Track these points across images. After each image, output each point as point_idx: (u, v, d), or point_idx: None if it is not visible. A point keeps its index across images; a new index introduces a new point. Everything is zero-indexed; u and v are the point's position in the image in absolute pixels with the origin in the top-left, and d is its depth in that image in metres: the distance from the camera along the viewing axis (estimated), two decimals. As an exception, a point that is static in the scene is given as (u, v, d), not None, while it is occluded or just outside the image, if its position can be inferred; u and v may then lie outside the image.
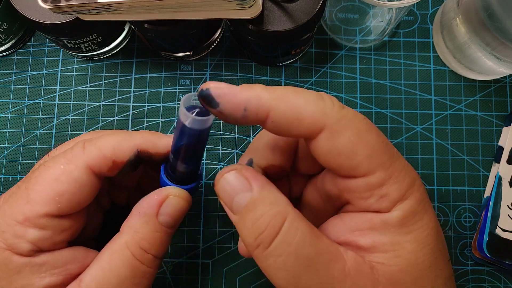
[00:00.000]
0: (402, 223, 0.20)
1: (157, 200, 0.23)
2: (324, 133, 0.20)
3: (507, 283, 0.35)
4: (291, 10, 0.30)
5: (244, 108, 0.19)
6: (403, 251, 0.20)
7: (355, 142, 0.20)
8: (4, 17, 0.34)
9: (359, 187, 0.21)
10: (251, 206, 0.20)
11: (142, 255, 0.23)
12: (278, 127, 0.20)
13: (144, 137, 0.24)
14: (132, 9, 0.28)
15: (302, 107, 0.20)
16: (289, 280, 0.19)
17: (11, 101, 0.37)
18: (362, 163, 0.20)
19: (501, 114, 0.37)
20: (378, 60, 0.38)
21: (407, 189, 0.21)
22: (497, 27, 0.29)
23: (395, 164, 0.20)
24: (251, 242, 0.20)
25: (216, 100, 0.19)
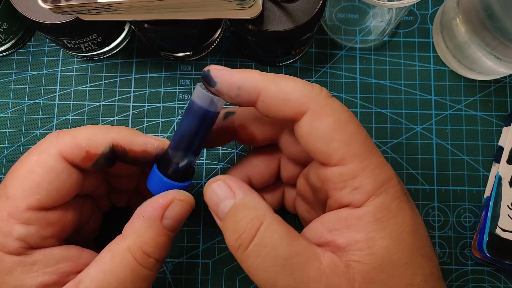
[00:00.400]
0: (376, 218, 0.21)
1: (162, 204, 0.23)
2: (307, 115, 0.22)
3: (507, 283, 0.35)
4: (291, 10, 0.30)
5: (238, 87, 0.22)
6: (377, 248, 0.21)
7: (334, 128, 0.21)
8: (4, 17, 0.34)
9: (334, 176, 0.22)
10: (233, 211, 0.22)
11: (145, 260, 0.22)
12: (267, 107, 0.22)
13: (121, 132, 0.24)
14: (132, 9, 0.28)
15: (290, 90, 0.22)
16: (268, 280, 0.21)
17: (11, 101, 0.37)
18: (337, 150, 0.21)
19: (501, 114, 0.37)
20: (378, 60, 0.38)
21: (381, 185, 0.21)
22: (497, 27, 0.29)
23: (371, 159, 0.21)
24: (233, 244, 0.22)
25: (214, 80, 0.22)
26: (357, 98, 0.37)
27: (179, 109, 0.37)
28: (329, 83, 0.37)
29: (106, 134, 0.24)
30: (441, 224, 0.35)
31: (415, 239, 0.22)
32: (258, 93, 0.22)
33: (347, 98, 0.37)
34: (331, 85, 0.37)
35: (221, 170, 0.36)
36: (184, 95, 0.37)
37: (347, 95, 0.37)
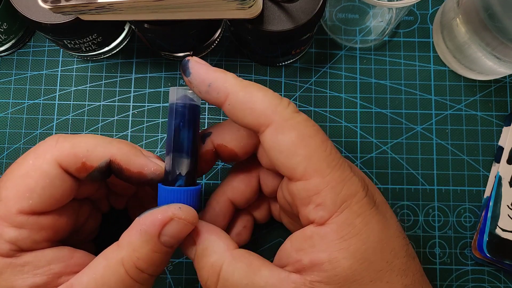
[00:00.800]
0: (339, 236, 0.21)
1: (160, 220, 0.22)
2: (270, 128, 0.22)
3: (507, 283, 0.35)
4: (291, 10, 0.30)
5: (209, 84, 0.22)
6: (340, 269, 0.21)
7: (296, 143, 0.21)
8: (4, 17, 0.34)
9: (299, 191, 0.22)
10: (196, 260, 0.23)
11: (138, 274, 0.22)
12: (232, 112, 0.22)
13: (121, 149, 0.24)
14: (132, 9, 0.28)
15: (257, 100, 0.22)
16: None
17: (11, 101, 0.37)
18: (300, 165, 0.21)
19: (501, 114, 0.37)
20: (378, 60, 0.38)
21: (344, 201, 0.21)
22: (497, 27, 0.29)
23: (333, 174, 0.21)
24: (204, 284, 0.23)
25: (190, 70, 0.22)
26: (357, 98, 0.37)
27: (179, 109, 0.37)
28: (329, 83, 0.37)
29: (106, 148, 0.23)
30: (441, 224, 0.35)
31: (383, 254, 0.21)
32: (227, 95, 0.22)
33: (347, 98, 0.37)
34: (331, 85, 0.37)
35: (221, 170, 0.36)
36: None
37: (347, 95, 0.37)
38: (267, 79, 0.37)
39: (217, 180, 0.36)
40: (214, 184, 0.36)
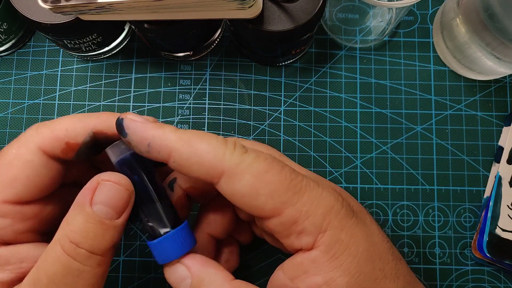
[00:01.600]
0: (330, 255, 0.21)
1: (89, 189, 0.21)
2: (223, 178, 0.21)
3: (507, 283, 0.35)
4: (291, 10, 0.30)
5: (148, 144, 0.21)
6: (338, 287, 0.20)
7: (254, 184, 0.20)
8: (4, 17, 0.34)
9: (276, 226, 0.21)
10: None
11: (74, 250, 0.20)
12: (180, 168, 0.21)
13: (100, 118, 0.23)
14: (132, 9, 0.28)
15: (203, 153, 0.21)
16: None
17: (11, 101, 0.37)
18: (266, 203, 0.21)
19: (501, 114, 0.37)
20: (378, 60, 0.38)
21: (323, 220, 0.21)
22: (497, 27, 0.29)
23: (302, 199, 0.21)
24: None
25: (125, 131, 0.21)
26: (357, 98, 0.37)
27: (179, 109, 0.37)
28: (329, 83, 0.37)
29: (85, 123, 0.23)
30: (441, 224, 0.35)
31: (374, 264, 0.21)
32: (169, 154, 0.21)
33: (347, 98, 0.37)
34: (331, 85, 0.37)
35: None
36: (184, 95, 0.37)
37: (347, 95, 0.37)
38: (267, 79, 0.37)
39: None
40: (214, 184, 0.36)
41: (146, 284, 0.34)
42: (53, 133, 0.22)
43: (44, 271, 0.21)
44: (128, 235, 0.35)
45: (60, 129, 0.22)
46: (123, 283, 0.34)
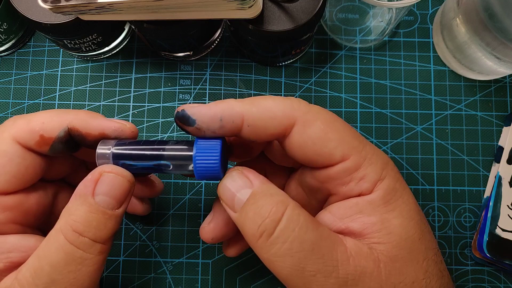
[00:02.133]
0: (386, 200, 0.21)
1: (91, 180, 0.21)
2: (296, 126, 0.21)
3: (507, 283, 0.35)
4: (291, 10, 0.30)
5: (220, 118, 0.21)
6: (393, 227, 0.21)
7: (326, 129, 0.21)
8: (4, 17, 0.34)
9: (339, 174, 0.22)
10: (252, 199, 0.21)
11: (77, 239, 0.21)
12: (254, 130, 0.21)
13: (77, 116, 0.23)
14: (132, 9, 0.28)
15: (272, 107, 0.21)
16: (295, 267, 0.20)
17: (11, 101, 0.37)
18: (336, 148, 0.21)
19: (501, 114, 0.37)
20: (378, 60, 0.38)
21: (382, 170, 0.22)
22: (497, 27, 0.29)
23: (366, 148, 0.22)
24: (254, 232, 0.20)
25: (192, 118, 0.21)
26: (357, 98, 0.37)
27: (179, 109, 0.37)
28: (329, 83, 0.37)
29: (62, 118, 0.23)
30: (441, 224, 0.35)
31: (421, 216, 0.22)
32: (242, 118, 0.21)
33: (347, 98, 0.37)
34: (331, 85, 0.37)
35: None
36: (184, 95, 0.37)
37: (347, 95, 0.37)
38: (267, 79, 0.37)
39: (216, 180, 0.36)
40: (214, 184, 0.36)
41: (146, 284, 0.34)
42: (28, 124, 0.23)
43: (47, 260, 0.21)
44: (128, 235, 0.35)
45: (36, 122, 0.23)
46: (123, 283, 0.34)
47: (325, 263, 0.20)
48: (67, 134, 0.23)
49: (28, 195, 0.23)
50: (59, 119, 0.23)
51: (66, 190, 0.27)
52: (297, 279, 0.20)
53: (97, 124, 0.23)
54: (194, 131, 0.21)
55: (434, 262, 0.22)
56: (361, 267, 0.20)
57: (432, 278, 0.21)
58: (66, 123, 0.23)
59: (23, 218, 0.23)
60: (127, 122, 0.24)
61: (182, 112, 0.21)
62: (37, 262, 0.21)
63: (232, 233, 0.26)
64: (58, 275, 0.21)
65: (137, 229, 0.35)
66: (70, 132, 0.23)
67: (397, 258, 0.21)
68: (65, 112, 0.23)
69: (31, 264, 0.21)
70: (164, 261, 0.35)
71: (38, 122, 0.23)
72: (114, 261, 0.35)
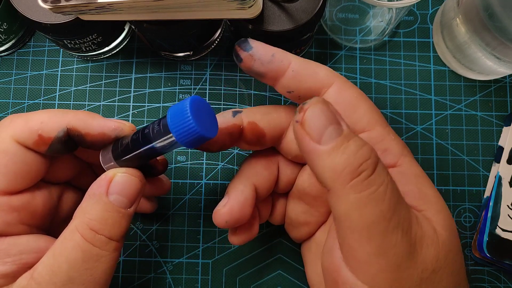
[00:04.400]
0: (414, 173, 0.23)
1: (105, 180, 0.22)
2: (333, 87, 0.23)
3: (507, 283, 0.35)
4: (291, 10, 0.30)
5: (272, 54, 0.23)
6: (430, 196, 0.22)
7: (359, 97, 0.24)
8: (4, 17, 0.34)
9: None
10: (349, 136, 0.19)
11: (93, 237, 0.22)
12: (296, 77, 0.23)
13: (77, 116, 0.23)
14: (132, 9, 0.28)
15: (318, 67, 0.24)
16: (385, 213, 0.19)
17: (11, 101, 0.37)
18: (364, 116, 0.23)
19: (501, 114, 0.37)
20: (378, 60, 0.38)
21: (403, 148, 0.23)
22: (497, 27, 0.29)
23: (389, 127, 0.24)
24: (353, 169, 0.19)
25: (251, 44, 0.23)
26: (357, 98, 0.37)
27: (179, 109, 0.37)
28: (329, 83, 0.37)
29: (61, 118, 0.23)
30: (441, 224, 0.35)
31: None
32: (289, 62, 0.23)
33: (347, 98, 0.37)
34: (331, 85, 0.37)
35: (221, 170, 0.36)
36: (184, 95, 0.37)
37: (347, 95, 0.37)
38: (267, 79, 0.37)
39: (217, 180, 0.36)
40: (214, 184, 0.36)
41: (146, 284, 0.34)
42: (27, 124, 0.23)
43: (64, 258, 0.21)
44: (128, 235, 0.35)
45: (35, 121, 0.23)
46: (123, 283, 0.34)
47: (405, 218, 0.20)
48: (66, 135, 0.23)
49: (33, 196, 0.24)
50: (58, 119, 0.23)
51: (71, 192, 0.27)
52: (377, 231, 0.19)
53: (96, 124, 0.23)
54: (247, 57, 0.23)
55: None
56: (423, 232, 0.21)
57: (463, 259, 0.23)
58: (65, 123, 0.23)
59: (31, 219, 0.23)
60: (126, 122, 0.24)
61: (244, 40, 0.24)
62: (54, 260, 0.21)
63: (245, 219, 0.25)
64: (75, 272, 0.21)
65: (137, 229, 0.35)
66: (69, 132, 0.23)
67: (451, 228, 0.22)
68: (64, 112, 0.23)
69: (48, 263, 0.21)
70: (164, 261, 0.35)
71: (37, 121, 0.23)
72: (114, 261, 0.35)
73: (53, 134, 0.23)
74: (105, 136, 0.23)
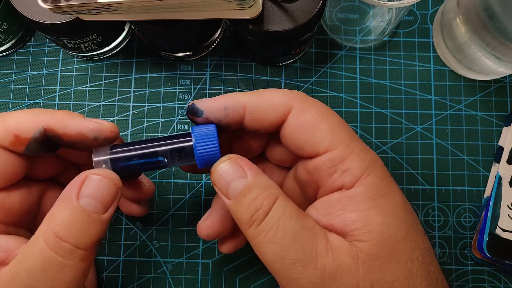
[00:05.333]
0: (368, 196, 0.22)
1: (75, 182, 0.21)
2: (292, 112, 0.23)
3: (507, 283, 0.35)
4: (291, 10, 0.30)
5: (225, 107, 0.23)
6: (373, 225, 0.21)
7: (318, 118, 0.23)
8: (4, 17, 0.34)
9: (324, 163, 0.22)
10: (247, 190, 0.22)
11: (57, 244, 0.20)
12: (255, 117, 0.23)
13: (54, 116, 0.22)
14: (132, 9, 0.28)
15: (272, 96, 0.23)
16: (278, 253, 0.21)
17: (11, 101, 0.37)
18: (324, 138, 0.22)
19: (501, 114, 0.37)
20: (378, 60, 0.38)
21: (368, 166, 0.22)
22: (497, 27, 0.29)
23: (355, 143, 0.23)
24: (247, 221, 0.22)
25: (200, 109, 0.23)
26: (357, 98, 0.37)
27: (179, 109, 0.37)
28: (329, 83, 0.37)
29: (38, 118, 0.22)
30: (441, 224, 0.35)
31: (407, 215, 0.22)
32: (244, 106, 0.23)
33: (347, 98, 0.37)
34: (331, 85, 0.37)
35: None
36: (184, 95, 0.37)
37: (347, 95, 0.37)
38: (267, 79, 0.37)
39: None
40: (214, 184, 0.36)
41: (146, 284, 0.34)
42: (3, 124, 0.22)
43: (24, 265, 0.20)
44: (128, 235, 0.35)
45: (11, 121, 0.22)
46: (123, 283, 0.34)
47: (304, 253, 0.21)
48: (43, 135, 0.22)
49: (9, 193, 0.23)
50: (35, 120, 0.22)
51: (55, 189, 0.27)
52: (279, 265, 0.21)
53: (73, 125, 0.22)
54: (202, 121, 0.23)
55: (420, 263, 0.21)
56: (339, 261, 0.21)
57: (416, 279, 0.21)
58: (42, 123, 0.22)
59: (6, 217, 0.23)
60: (106, 122, 0.23)
61: (192, 105, 0.23)
62: (15, 267, 0.20)
63: (227, 232, 0.27)
64: (35, 282, 0.20)
65: (137, 229, 0.35)
66: (46, 132, 0.22)
67: (377, 256, 0.21)
68: (42, 112, 0.23)
69: (10, 269, 0.20)
70: (164, 261, 0.35)
71: (13, 121, 0.22)
72: (114, 261, 0.35)
73: (30, 134, 0.22)
74: (83, 137, 0.22)
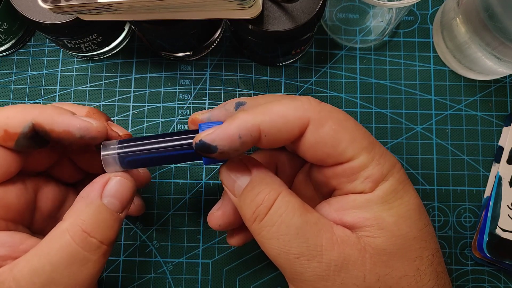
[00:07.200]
0: (384, 200, 0.22)
1: (98, 183, 0.23)
2: (310, 126, 0.22)
3: (507, 283, 0.35)
4: (291, 10, 0.30)
5: (239, 136, 0.21)
6: (385, 223, 0.21)
7: (337, 129, 0.22)
8: (4, 17, 0.34)
9: (345, 172, 0.22)
10: (250, 187, 0.22)
11: (84, 239, 0.21)
12: (272, 138, 0.22)
13: (44, 111, 0.22)
14: (132, 9, 0.28)
15: (285, 113, 0.22)
16: (281, 248, 0.21)
17: (11, 101, 0.37)
18: (347, 149, 0.22)
19: (501, 114, 0.37)
20: (378, 60, 0.38)
21: (388, 171, 0.22)
22: (497, 27, 0.29)
23: (375, 149, 0.22)
24: (250, 217, 0.22)
25: (213, 145, 0.21)
26: (357, 98, 0.37)
27: (179, 109, 0.37)
28: (329, 83, 0.37)
29: (27, 113, 0.22)
30: (441, 224, 0.35)
31: (421, 216, 0.23)
32: (259, 130, 0.21)
33: (347, 98, 0.37)
34: (331, 85, 0.37)
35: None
36: (184, 95, 0.37)
37: (347, 95, 0.37)
38: (267, 79, 0.37)
39: (217, 180, 0.36)
40: (214, 184, 0.36)
41: (146, 284, 0.34)
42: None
43: (48, 259, 0.21)
44: (128, 235, 0.35)
45: (1, 117, 0.22)
46: (123, 283, 0.34)
47: (308, 247, 0.21)
48: (31, 130, 0.23)
49: (6, 189, 0.23)
50: (24, 115, 0.22)
51: (49, 184, 0.27)
52: (283, 260, 0.21)
53: (61, 121, 0.23)
54: (219, 156, 0.21)
55: (430, 262, 0.22)
56: (345, 254, 0.21)
57: (424, 277, 0.21)
58: (30, 118, 0.22)
59: (5, 213, 0.23)
60: (94, 121, 0.23)
61: (201, 142, 0.21)
62: (37, 259, 0.21)
63: (238, 223, 0.26)
64: (58, 274, 0.21)
65: (137, 229, 0.35)
66: (35, 128, 0.23)
67: (385, 251, 0.21)
68: (32, 107, 0.23)
69: (30, 261, 0.21)
70: (164, 261, 0.35)
71: (3, 117, 0.22)
72: (114, 261, 0.35)
73: (19, 129, 0.22)
74: (70, 134, 0.23)
